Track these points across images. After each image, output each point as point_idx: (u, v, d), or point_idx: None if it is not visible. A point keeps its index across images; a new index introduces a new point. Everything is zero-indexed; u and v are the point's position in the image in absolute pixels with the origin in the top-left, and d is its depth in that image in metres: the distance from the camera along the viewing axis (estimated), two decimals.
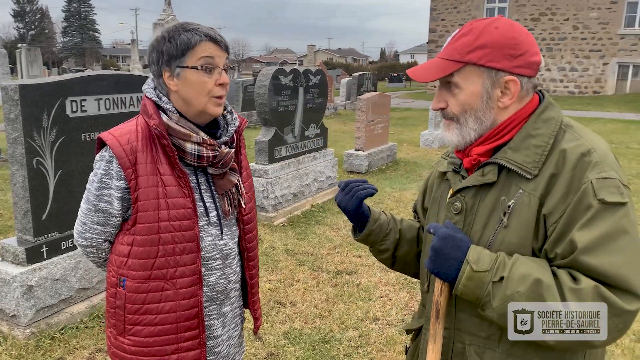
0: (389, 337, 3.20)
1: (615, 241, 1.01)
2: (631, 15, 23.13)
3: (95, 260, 1.62)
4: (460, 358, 1.19)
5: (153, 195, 1.43)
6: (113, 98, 3.53)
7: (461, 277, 1.08)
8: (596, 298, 1.00)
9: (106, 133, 1.47)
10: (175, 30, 1.43)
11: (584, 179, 1.04)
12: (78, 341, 3.08)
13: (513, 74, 1.11)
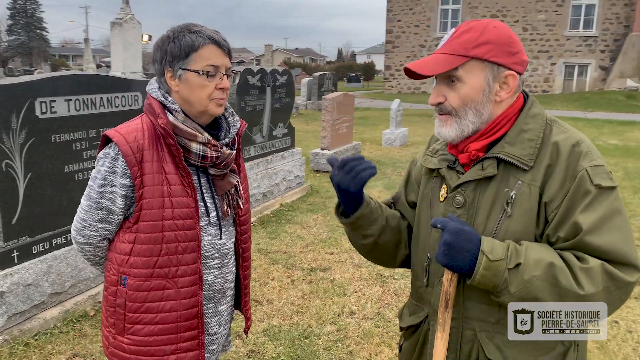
0: (366, 330, 3.30)
1: (613, 221, 1.13)
2: (576, 18, 24.26)
3: (90, 258, 1.60)
4: (471, 345, 1.25)
5: (158, 194, 1.44)
6: (83, 99, 3.47)
7: (478, 267, 1.13)
8: (604, 275, 1.10)
9: (112, 130, 1.47)
10: (180, 31, 1.44)
11: (578, 168, 1.15)
12: (53, 347, 3.02)
13: (511, 69, 1.19)
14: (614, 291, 1.12)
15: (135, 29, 10.23)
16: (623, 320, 3.44)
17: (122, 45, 9.94)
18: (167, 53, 1.44)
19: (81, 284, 3.53)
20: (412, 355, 1.43)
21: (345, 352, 3.05)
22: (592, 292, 1.10)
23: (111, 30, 9.96)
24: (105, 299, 1.56)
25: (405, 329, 1.45)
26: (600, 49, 23.94)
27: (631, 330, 3.31)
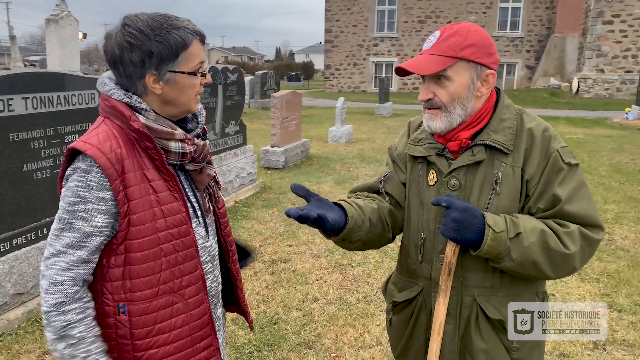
0: (330, 313, 3.48)
1: (582, 191, 1.37)
2: (503, 20, 25.68)
3: (57, 325, 1.21)
4: (469, 309, 1.44)
5: (147, 206, 1.27)
6: (40, 97, 3.43)
7: (486, 239, 1.30)
8: (581, 236, 1.33)
9: (80, 142, 1.25)
10: (160, 26, 1.25)
11: (550, 149, 1.37)
12: (20, 346, 3.00)
13: (490, 68, 1.39)
14: (587, 249, 1.36)
15: (72, 26, 9.88)
16: (559, 293, 3.82)
17: (59, 43, 9.58)
18: (152, 55, 1.24)
19: None
20: (405, 327, 1.58)
21: (313, 335, 3.22)
22: (575, 251, 1.33)
23: (46, 27, 9.56)
24: (105, 325, 1.32)
25: (398, 304, 1.59)
26: (526, 49, 25.47)
27: (566, 301, 3.70)
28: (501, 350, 1.44)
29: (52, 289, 1.21)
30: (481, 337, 1.44)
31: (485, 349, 1.44)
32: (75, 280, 1.22)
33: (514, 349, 1.45)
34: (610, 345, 3.11)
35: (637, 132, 12.67)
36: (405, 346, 1.60)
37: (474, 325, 1.44)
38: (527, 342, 1.47)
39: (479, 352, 1.44)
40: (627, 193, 6.66)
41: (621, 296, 3.76)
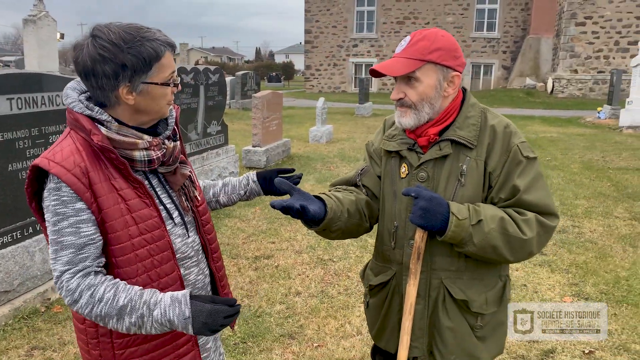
0: (312, 306, 3.60)
1: (539, 183, 1.51)
2: (480, 21, 26.12)
3: (105, 311, 1.26)
4: (437, 291, 1.57)
5: (118, 214, 1.30)
6: (25, 97, 3.48)
7: (450, 225, 1.43)
8: (537, 223, 1.47)
9: (44, 160, 1.26)
10: (132, 38, 1.26)
11: (511, 144, 1.51)
12: (9, 342, 3.05)
13: (456, 70, 1.52)
14: (543, 235, 1.49)
15: (50, 27, 9.80)
16: (530, 283, 4.00)
17: (37, 43, 9.50)
18: (125, 67, 1.25)
19: (29, 281, 3.53)
20: (381, 308, 1.71)
21: (296, 326, 3.33)
22: (531, 237, 1.46)
23: (24, 28, 9.47)
24: (83, 332, 1.39)
25: (374, 287, 1.72)
26: (502, 50, 25.95)
27: (537, 291, 3.88)
28: (466, 328, 1.58)
29: (79, 302, 1.25)
30: (448, 316, 1.57)
31: (451, 326, 1.57)
32: (90, 283, 1.26)
33: (477, 328, 1.59)
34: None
35: (608, 131, 13.07)
36: (381, 326, 1.73)
37: (441, 305, 1.58)
38: (490, 321, 1.61)
39: (446, 330, 1.58)
40: (597, 189, 6.93)
41: (588, 285, 3.96)
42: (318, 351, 3.05)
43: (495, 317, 1.62)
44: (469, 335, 1.58)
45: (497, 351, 1.67)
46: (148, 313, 1.25)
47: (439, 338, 1.60)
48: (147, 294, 1.27)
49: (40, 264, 3.62)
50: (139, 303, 1.25)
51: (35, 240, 3.59)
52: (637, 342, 3.12)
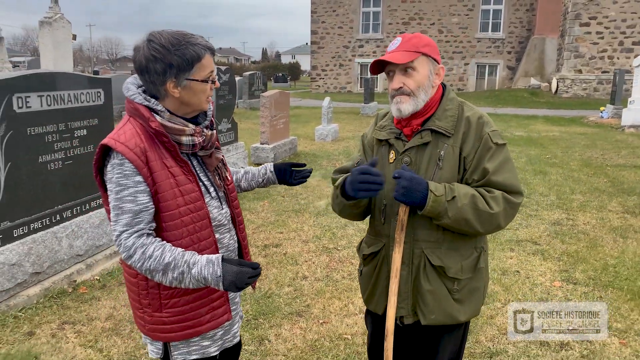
0: (318, 288, 3.88)
1: (506, 165, 1.76)
2: (485, 22, 26.28)
3: (155, 267, 1.52)
4: (419, 259, 1.82)
5: (168, 187, 1.57)
6: (53, 95, 3.77)
7: (428, 201, 1.66)
8: (503, 200, 1.71)
9: (111, 140, 1.54)
10: (178, 43, 1.54)
11: (483, 132, 1.77)
12: (41, 318, 3.35)
13: (439, 65, 1.80)
14: (509, 210, 1.74)
15: (65, 28, 10.15)
16: (523, 270, 4.26)
17: (52, 45, 9.85)
18: (172, 66, 1.53)
19: (57, 264, 3.83)
20: (371, 275, 1.98)
21: (303, 306, 3.61)
22: (497, 211, 1.71)
23: (40, 29, 9.83)
24: (135, 285, 1.68)
25: (367, 256, 1.99)
26: (507, 50, 26.10)
27: (529, 277, 4.13)
28: (444, 291, 1.83)
29: (134, 257, 1.51)
30: (428, 281, 1.83)
31: (431, 289, 1.83)
32: (143, 242, 1.53)
33: (454, 291, 1.84)
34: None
35: (610, 130, 13.25)
36: (371, 291, 1.99)
37: (422, 271, 1.83)
38: (466, 286, 1.85)
39: (426, 293, 1.83)
40: (594, 185, 7.15)
41: (577, 272, 4.20)
42: (323, 327, 3.32)
43: (470, 283, 1.86)
44: (447, 298, 1.83)
45: (473, 313, 1.91)
46: (187, 270, 1.53)
47: (421, 300, 1.85)
48: (187, 255, 1.55)
49: (67, 249, 3.92)
50: (181, 262, 1.53)
51: (63, 227, 3.89)
52: (618, 321, 3.37)
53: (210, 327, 1.72)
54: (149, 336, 1.72)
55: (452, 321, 1.86)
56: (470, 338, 3.17)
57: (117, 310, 3.50)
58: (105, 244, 4.33)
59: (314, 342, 3.14)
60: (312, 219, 5.64)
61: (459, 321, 1.86)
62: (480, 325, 3.32)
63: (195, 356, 1.74)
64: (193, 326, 1.69)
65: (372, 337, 2.12)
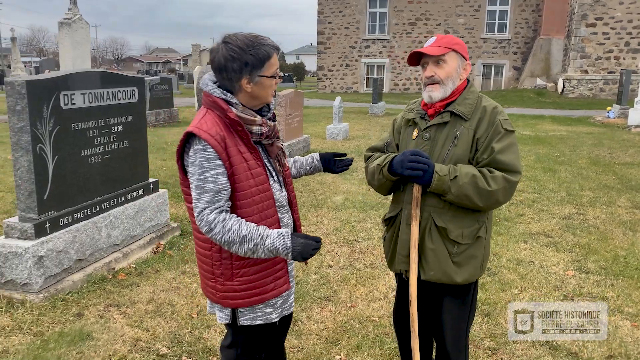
0: (343, 276, 4.09)
1: (511, 148, 2.02)
2: (491, 22, 26.45)
3: (232, 239, 1.73)
4: (426, 221, 2.08)
5: (243, 169, 1.78)
6: (94, 92, 4.00)
7: (434, 180, 1.97)
8: (503, 179, 1.97)
9: (195, 128, 1.76)
10: (251, 43, 1.76)
11: (495, 119, 2.03)
12: (87, 301, 3.58)
13: (467, 62, 2.08)
14: (508, 188, 2.00)
15: (84, 29, 10.40)
16: (537, 260, 4.46)
17: (71, 45, 10.09)
18: (247, 64, 1.75)
19: (97, 253, 4.06)
20: (391, 240, 2.25)
21: (331, 292, 3.83)
22: (496, 189, 1.96)
23: (59, 30, 10.07)
24: (209, 257, 1.89)
25: (388, 220, 2.27)
26: (513, 50, 26.26)
27: (543, 267, 4.33)
28: (444, 252, 2.08)
29: (214, 230, 1.72)
30: (431, 240, 2.09)
31: (433, 248, 2.08)
32: (223, 217, 1.74)
33: (454, 254, 2.08)
34: (577, 297, 3.75)
35: (617, 130, 13.41)
36: (392, 254, 2.27)
37: (428, 232, 2.09)
38: (465, 251, 2.09)
39: (429, 251, 2.09)
40: (602, 182, 7.35)
41: (589, 262, 4.41)
42: (351, 310, 3.54)
43: (469, 250, 2.11)
44: (447, 259, 2.09)
45: (469, 278, 2.14)
46: (261, 242, 1.75)
47: (424, 257, 2.11)
48: (261, 229, 1.78)
49: (106, 238, 4.15)
50: (255, 235, 1.75)
51: (102, 217, 4.12)
52: (630, 306, 3.58)
53: (273, 294, 1.94)
54: (220, 303, 1.93)
55: (449, 280, 2.10)
56: (490, 320, 3.38)
57: (156, 294, 3.72)
58: (139, 235, 4.56)
59: (343, 323, 3.36)
60: (330, 213, 5.86)
61: (455, 281, 2.10)
62: (499, 310, 3.53)
63: (259, 321, 1.96)
64: (259, 293, 1.91)
65: (397, 295, 2.43)
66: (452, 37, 2.09)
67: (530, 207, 6.08)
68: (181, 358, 2.94)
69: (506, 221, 5.54)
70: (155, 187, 4.87)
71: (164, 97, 14.06)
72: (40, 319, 3.31)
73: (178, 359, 2.93)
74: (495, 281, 4.00)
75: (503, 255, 4.54)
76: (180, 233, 5.05)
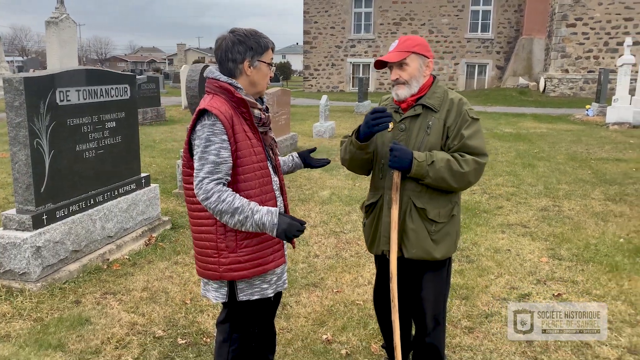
0: (329, 264, 4.29)
1: (478, 134, 2.26)
2: (475, 22, 26.84)
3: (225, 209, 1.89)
4: (407, 204, 2.29)
5: (246, 146, 1.99)
6: (89, 89, 4.14)
7: (413, 166, 2.19)
8: (473, 161, 2.20)
9: (208, 106, 1.95)
10: (255, 33, 2.04)
11: (462, 109, 2.26)
12: (84, 289, 3.72)
13: (429, 59, 2.29)
14: (478, 169, 2.23)
15: (71, 28, 10.46)
16: (514, 248, 4.69)
17: (58, 44, 10.15)
18: (252, 49, 2.00)
19: (92, 244, 4.20)
20: (372, 225, 2.45)
21: (318, 279, 4.02)
22: (467, 170, 2.19)
23: (46, 29, 10.12)
24: (213, 232, 2.04)
25: (368, 207, 2.46)
26: (496, 50, 26.68)
27: (519, 254, 4.57)
28: (424, 232, 2.30)
29: (210, 199, 1.89)
30: (412, 221, 2.30)
31: (413, 228, 2.30)
32: (220, 189, 1.91)
33: (432, 232, 2.30)
34: (550, 281, 3.99)
35: (595, 127, 13.79)
36: (372, 237, 2.47)
37: (408, 213, 2.30)
38: (441, 229, 2.32)
39: (410, 231, 2.30)
40: (578, 176, 7.64)
41: (562, 250, 4.66)
42: (338, 295, 3.73)
43: (445, 228, 2.34)
44: (426, 237, 2.31)
45: (446, 253, 2.37)
46: (251, 215, 1.92)
47: (405, 237, 2.32)
48: (252, 204, 1.96)
49: (100, 230, 4.29)
50: (247, 208, 1.93)
51: (96, 210, 4.26)
52: (597, 289, 3.83)
53: (273, 265, 2.13)
54: (223, 278, 2.07)
55: (429, 257, 2.33)
56: (467, 303, 3.60)
57: (150, 283, 3.88)
58: (132, 227, 4.71)
59: (330, 307, 3.55)
60: (317, 207, 6.05)
61: (435, 257, 2.33)
62: (477, 293, 3.75)
63: (256, 296, 2.15)
64: (261, 264, 2.09)
65: (378, 276, 2.63)
66: (413, 39, 2.29)
67: (509, 200, 6.34)
68: (176, 339, 3.10)
69: (485, 213, 5.78)
70: (147, 181, 5.01)
71: (151, 95, 14.15)
72: (39, 306, 3.45)
73: (173, 340, 3.10)
74: (474, 268, 4.22)
75: (482, 244, 4.78)
76: (172, 226, 5.21)
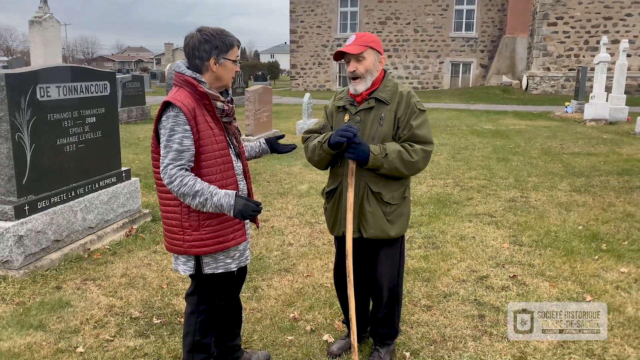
0: (302, 252, 4.50)
1: (425, 124, 2.48)
2: (459, 21, 27.19)
3: (187, 192, 2.09)
4: (364, 190, 2.51)
5: (208, 136, 2.18)
6: (69, 86, 4.32)
7: (370, 159, 2.41)
8: (421, 150, 2.43)
9: (171, 98, 2.14)
10: (221, 33, 2.21)
11: (411, 102, 2.48)
12: (65, 276, 3.90)
13: (382, 55, 2.50)
14: (426, 157, 2.48)
15: (55, 27, 10.56)
16: (478, 236, 4.94)
17: (42, 43, 10.25)
18: (217, 47, 2.18)
19: (73, 234, 4.38)
20: (333, 209, 2.66)
21: (290, 264, 4.23)
22: (417, 159, 2.43)
23: (30, 29, 10.21)
24: (179, 212, 2.25)
25: (329, 193, 2.67)
26: (480, 49, 27.06)
27: (482, 241, 4.81)
28: (380, 213, 2.53)
29: (174, 183, 2.10)
30: (369, 204, 2.53)
31: (371, 210, 2.53)
32: (182, 174, 2.11)
33: (387, 214, 2.53)
34: (508, 264, 4.23)
35: (573, 123, 14.14)
36: (334, 220, 2.68)
37: (366, 198, 2.53)
38: (395, 210, 2.55)
39: (368, 213, 2.53)
40: (549, 169, 7.92)
41: (524, 237, 4.91)
42: (307, 279, 3.94)
43: (399, 209, 2.58)
44: (382, 218, 2.54)
45: (400, 231, 2.61)
46: (210, 197, 2.13)
47: (363, 219, 2.55)
48: (212, 187, 2.16)
49: (81, 221, 4.46)
50: (207, 191, 2.14)
51: (77, 202, 4.43)
52: (551, 271, 4.08)
53: (234, 243, 2.34)
54: (187, 253, 2.29)
55: (385, 235, 2.56)
56: (428, 285, 3.83)
57: (129, 270, 4.06)
58: (112, 219, 4.88)
59: (299, 289, 3.77)
60: (295, 200, 6.26)
61: (390, 236, 2.57)
62: (439, 276, 3.98)
63: (221, 270, 2.36)
64: (222, 242, 2.29)
65: (337, 256, 2.84)
66: (369, 36, 2.51)
67: (479, 192, 6.59)
68: (152, 319, 3.30)
69: (456, 204, 6.03)
70: (127, 175, 5.19)
71: (135, 94, 14.26)
72: (22, 291, 3.62)
73: (149, 320, 3.30)
74: (438, 253, 4.46)
75: (448, 232, 5.02)
76: (152, 219, 5.38)
